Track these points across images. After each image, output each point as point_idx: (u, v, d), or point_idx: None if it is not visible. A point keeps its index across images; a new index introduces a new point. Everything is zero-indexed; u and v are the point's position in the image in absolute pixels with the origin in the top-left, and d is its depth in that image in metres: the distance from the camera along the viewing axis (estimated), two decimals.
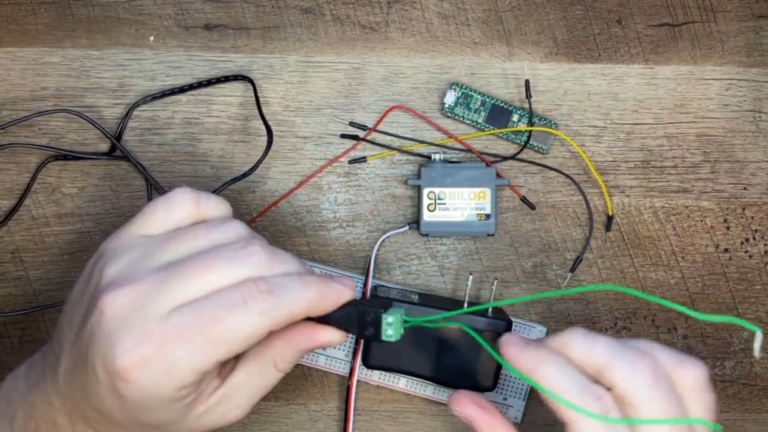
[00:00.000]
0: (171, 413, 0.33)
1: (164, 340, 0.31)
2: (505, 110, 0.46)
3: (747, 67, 0.46)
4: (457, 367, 0.43)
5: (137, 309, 0.31)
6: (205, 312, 0.31)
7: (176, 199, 0.35)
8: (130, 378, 0.31)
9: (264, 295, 0.32)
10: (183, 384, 0.32)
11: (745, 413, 0.47)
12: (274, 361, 0.35)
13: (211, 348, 0.31)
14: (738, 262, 0.47)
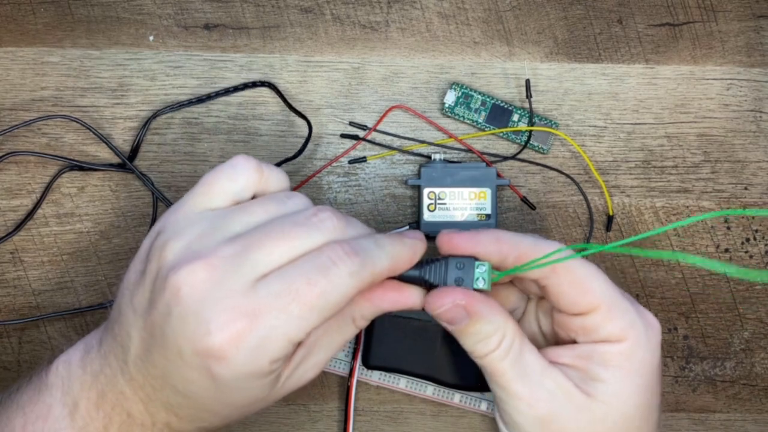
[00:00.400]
0: (262, 389, 0.32)
1: (256, 311, 0.30)
2: (506, 110, 0.45)
3: (748, 66, 0.46)
4: (457, 366, 0.43)
5: (218, 283, 0.30)
6: (297, 278, 0.30)
7: (240, 165, 0.34)
8: (225, 355, 0.30)
9: (351, 257, 0.31)
10: (278, 356, 0.31)
11: (745, 413, 0.47)
12: (353, 318, 0.35)
13: (306, 314, 0.30)
14: (738, 263, 0.47)
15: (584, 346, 0.34)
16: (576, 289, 0.34)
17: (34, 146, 0.45)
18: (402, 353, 0.43)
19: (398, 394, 0.46)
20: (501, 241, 0.34)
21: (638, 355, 0.34)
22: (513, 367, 0.34)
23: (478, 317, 0.34)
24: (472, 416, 0.46)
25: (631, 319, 0.34)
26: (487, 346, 0.34)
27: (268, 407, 0.45)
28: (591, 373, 0.34)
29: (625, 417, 0.34)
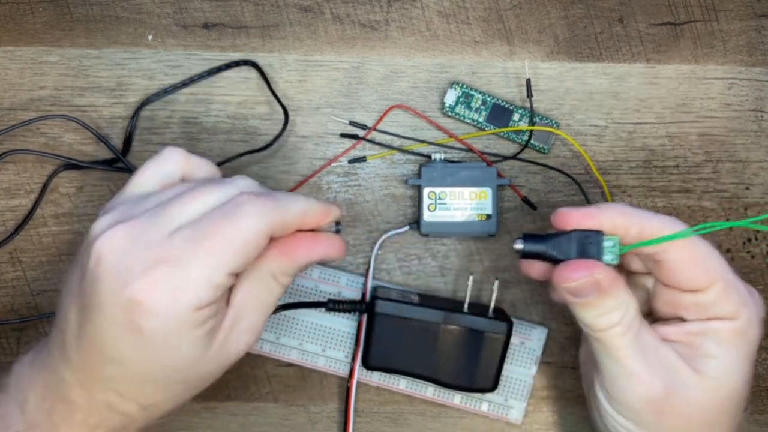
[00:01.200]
0: (192, 344, 0.32)
1: (170, 257, 0.31)
2: (506, 109, 0.45)
3: (749, 66, 0.46)
4: (457, 367, 0.43)
5: (135, 240, 0.32)
6: (207, 222, 0.32)
7: (166, 153, 0.36)
8: (145, 301, 0.31)
9: (259, 198, 0.33)
10: (199, 302, 0.31)
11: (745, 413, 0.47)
12: (273, 275, 0.35)
13: (219, 256, 0.31)
14: (740, 263, 0.46)
15: (695, 324, 0.35)
16: (695, 265, 0.34)
17: (32, 146, 0.45)
18: (402, 354, 0.42)
19: (398, 395, 0.46)
20: (626, 214, 0.35)
21: (750, 332, 0.34)
22: (632, 344, 0.34)
23: (609, 292, 0.34)
24: (473, 417, 0.46)
25: (744, 296, 0.34)
26: (609, 320, 0.34)
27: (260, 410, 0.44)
28: (702, 350, 0.34)
29: (733, 391, 0.34)
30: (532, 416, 0.46)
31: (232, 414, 0.46)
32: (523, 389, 0.45)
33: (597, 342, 0.35)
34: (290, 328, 0.45)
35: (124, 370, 0.33)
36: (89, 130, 0.44)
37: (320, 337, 0.45)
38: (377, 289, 0.44)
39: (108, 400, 0.34)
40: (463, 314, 0.42)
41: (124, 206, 0.34)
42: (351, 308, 0.44)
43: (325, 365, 0.45)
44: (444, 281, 0.46)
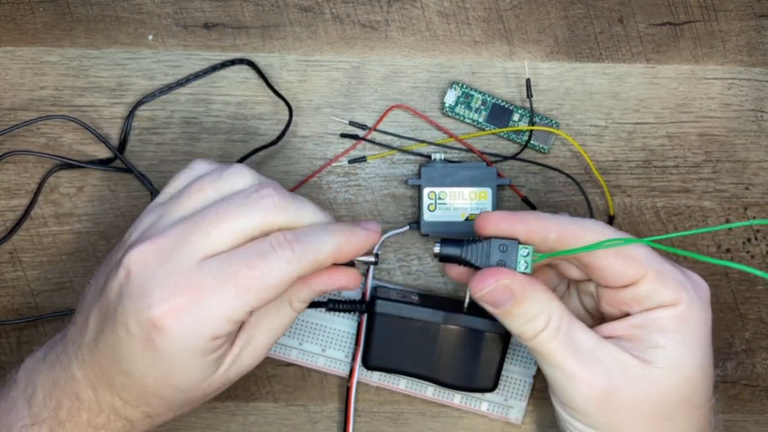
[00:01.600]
0: (202, 369, 0.33)
1: (197, 288, 0.32)
2: (506, 110, 0.45)
3: (749, 66, 0.46)
4: (457, 367, 0.43)
5: (164, 261, 0.32)
6: (235, 260, 0.32)
7: (192, 164, 0.37)
8: (165, 326, 0.31)
9: (292, 244, 0.33)
10: (216, 333, 0.32)
11: (746, 414, 0.47)
12: (290, 301, 0.36)
13: (243, 295, 0.32)
14: (740, 263, 0.46)
15: (637, 316, 0.34)
16: (621, 260, 0.34)
17: (32, 146, 0.45)
18: (402, 354, 0.42)
19: (398, 395, 0.46)
20: (544, 221, 0.34)
21: (693, 316, 0.34)
22: (565, 346, 0.34)
23: (523, 297, 0.34)
24: (473, 417, 0.46)
25: (680, 281, 0.34)
26: (535, 327, 0.34)
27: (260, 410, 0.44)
28: (648, 341, 0.34)
29: (686, 379, 0.34)
30: (532, 416, 0.46)
31: (232, 414, 0.46)
32: (523, 389, 0.45)
33: (533, 351, 0.35)
34: (291, 328, 0.45)
35: (134, 383, 0.33)
36: (89, 130, 0.44)
37: (320, 337, 0.45)
38: (377, 289, 0.44)
39: (114, 404, 0.34)
40: (463, 314, 0.42)
41: (153, 217, 0.35)
42: (351, 308, 0.44)
43: (325, 365, 0.45)
44: (444, 281, 0.46)
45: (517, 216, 0.35)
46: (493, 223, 0.35)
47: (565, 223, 0.34)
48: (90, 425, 0.34)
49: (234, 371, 0.35)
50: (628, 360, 0.33)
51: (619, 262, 0.34)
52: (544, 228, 0.34)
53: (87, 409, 0.34)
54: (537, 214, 0.35)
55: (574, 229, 0.34)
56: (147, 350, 0.32)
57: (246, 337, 0.35)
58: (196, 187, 0.35)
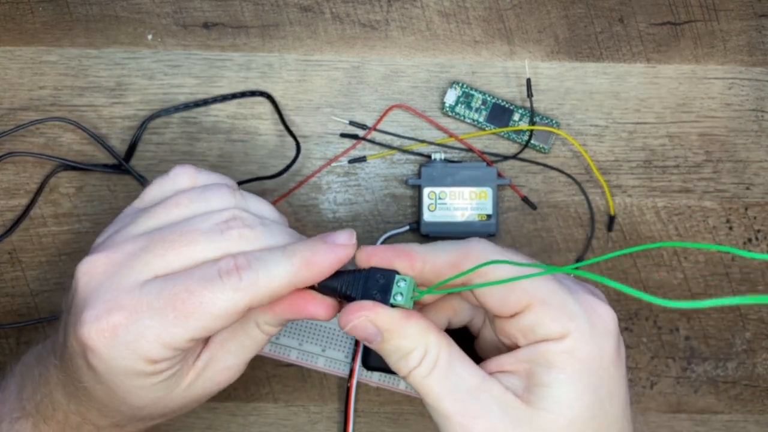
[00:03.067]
0: (149, 390, 0.32)
1: (133, 308, 0.30)
2: (506, 109, 0.45)
3: (749, 66, 0.46)
4: None
5: (111, 275, 0.31)
6: (178, 284, 0.30)
7: (173, 172, 0.35)
8: (95, 347, 0.30)
9: (241, 271, 0.30)
10: (151, 357, 0.30)
11: (747, 414, 0.47)
12: (257, 323, 0.34)
13: (182, 322, 0.30)
14: (740, 263, 0.46)
15: (526, 349, 0.31)
16: (501, 289, 0.31)
17: (32, 146, 0.45)
18: None
19: (398, 396, 0.46)
20: (413, 256, 0.32)
21: (583, 352, 0.30)
22: (440, 384, 0.31)
23: (391, 333, 0.31)
24: None
25: (570, 312, 0.30)
26: (408, 363, 0.31)
27: (260, 410, 0.44)
28: (534, 378, 0.30)
29: (572, 422, 0.30)
30: None
31: (232, 414, 0.46)
32: None
33: (413, 387, 0.32)
34: (290, 328, 0.45)
35: (89, 394, 0.32)
36: (87, 132, 0.44)
37: (320, 337, 0.45)
38: None
39: (80, 409, 0.34)
40: None
41: (122, 223, 0.33)
42: None
43: (325, 365, 0.45)
44: None
45: (392, 250, 0.32)
46: (366, 256, 0.32)
47: (437, 254, 0.32)
48: (67, 424, 0.34)
49: (199, 390, 0.34)
50: (510, 401, 0.30)
51: (499, 290, 0.31)
52: (415, 262, 0.32)
53: (62, 411, 0.34)
54: (410, 248, 0.32)
55: (447, 259, 0.31)
56: (85, 367, 0.31)
57: (209, 355, 0.34)
58: (173, 202, 0.33)
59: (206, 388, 0.34)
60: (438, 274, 0.32)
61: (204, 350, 0.34)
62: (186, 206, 0.33)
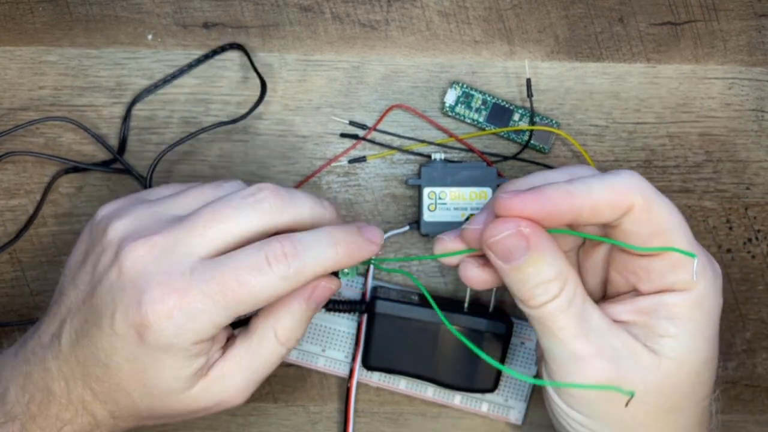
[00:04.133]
0: (180, 374, 0.33)
1: (188, 291, 0.31)
2: (507, 109, 0.45)
3: (749, 66, 0.46)
4: (457, 367, 0.43)
5: (158, 260, 0.32)
6: (228, 271, 0.32)
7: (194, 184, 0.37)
8: (155, 324, 0.31)
9: (289, 259, 0.32)
10: (201, 337, 0.32)
11: (747, 414, 0.47)
12: (273, 329, 0.35)
13: (231, 305, 0.32)
14: (740, 263, 0.46)
15: (647, 299, 0.31)
16: (651, 229, 0.30)
17: (32, 146, 0.45)
18: (402, 354, 0.42)
19: (398, 396, 0.46)
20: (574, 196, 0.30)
21: (707, 304, 0.31)
22: (576, 323, 0.30)
23: (540, 255, 0.30)
24: (473, 418, 0.46)
25: (704, 264, 0.31)
26: (547, 293, 0.30)
27: (260, 410, 0.44)
28: (657, 329, 0.31)
29: (695, 371, 0.31)
30: (532, 416, 0.46)
31: (232, 414, 0.46)
32: (523, 389, 0.45)
33: (538, 323, 0.31)
34: None
35: (110, 375, 0.33)
36: (88, 132, 0.44)
37: (320, 337, 0.45)
38: (377, 289, 0.44)
39: (84, 397, 0.34)
40: (463, 314, 0.42)
41: (139, 212, 0.34)
42: (351, 308, 0.43)
43: (325, 365, 0.45)
44: (444, 281, 0.46)
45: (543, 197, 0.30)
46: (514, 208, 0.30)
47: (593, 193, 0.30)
48: (58, 419, 0.34)
49: (209, 398, 0.35)
50: (638, 348, 0.30)
51: (648, 230, 0.30)
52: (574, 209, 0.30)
53: (57, 403, 0.34)
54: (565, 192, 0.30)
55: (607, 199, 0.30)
56: (130, 345, 0.32)
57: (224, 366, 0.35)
58: (196, 191, 0.35)
59: (213, 399, 0.35)
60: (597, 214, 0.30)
61: (220, 360, 0.35)
62: (209, 193, 0.35)
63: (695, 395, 0.32)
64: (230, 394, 0.35)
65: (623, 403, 0.30)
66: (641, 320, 0.31)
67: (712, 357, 0.32)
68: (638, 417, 0.31)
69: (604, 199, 0.30)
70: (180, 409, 0.35)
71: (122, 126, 0.45)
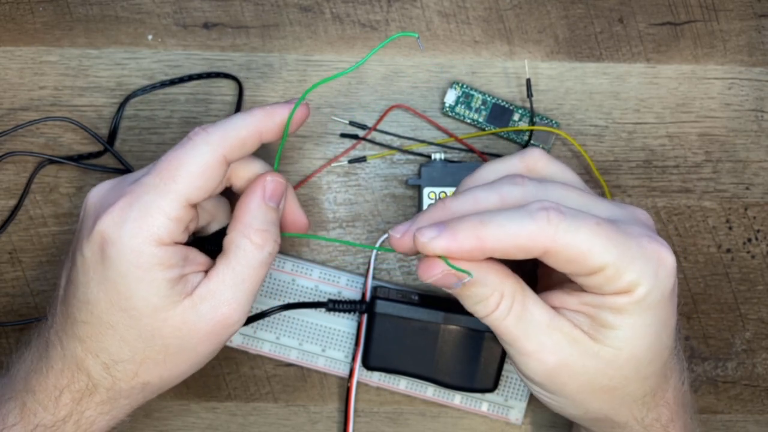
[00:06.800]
0: (156, 289, 0.34)
1: (133, 192, 0.34)
2: (506, 109, 0.45)
3: (749, 66, 0.46)
4: (457, 367, 0.43)
5: (116, 186, 0.36)
6: (160, 160, 0.35)
7: None
8: (112, 234, 0.33)
9: (208, 129, 0.35)
10: (159, 234, 0.33)
11: (747, 414, 0.47)
12: (246, 236, 0.36)
13: (171, 185, 0.34)
14: (740, 263, 0.46)
15: (593, 296, 0.33)
16: (574, 264, 0.32)
17: (32, 146, 0.45)
18: (402, 354, 0.42)
19: (398, 396, 0.46)
20: (483, 240, 0.31)
21: (649, 299, 0.32)
22: (516, 326, 0.34)
23: (471, 282, 0.33)
24: (473, 417, 0.46)
25: (641, 269, 0.32)
26: (486, 307, 0.34)
27: (260, 410, 0.44)
28: (600, 321, 0.33)
29: (636, 358, 0.34)
30: (532, 416, 0.46)
31: (232, 414, 0.46)
32: (523, 389, 0.45)
33: (490, 327, 0.35)
34: (290, 328, 0.45)
35: (90, 311, 0.34)
36: (87, 131, 0.44)
37: (320, 337, 0.45)
38: (377, 289, 0.44)
39: (75, 352, 0.35)
40: (463, 314, 0.42)
41: None
42: (351, 308, 0.44)
43: (325, 365, 0.45)
44: None
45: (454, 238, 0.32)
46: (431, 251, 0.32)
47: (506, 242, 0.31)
48: (56, 387, 0.35)
49: (198, 318, 0.35)
50: (579, 336, 0.33)
51: (572, 266, 0.32)
52: (486, 251, 0.32)
53: (52, 371, 0.35)
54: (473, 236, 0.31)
55: (518, 245, 0.31)
56: (98, 267, 0.34)
57: (208, 286, 0.35)
58: None
59: (204, 319, 0.35)
60: (508, 255, 0.32)
61: (203, 280, 0.35)
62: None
63: (638, 374, 0.34)
64: (223, 311, 0.35)
65: (570, 382, 0.34)
66: (587, 311, 0.34)
67: (658, 343, 0.34)
68: (582, 394, 0.35)
69: (512, 247, 0.31)
70: (172, 333, 0.34)
71: (113, 119, 0.44)
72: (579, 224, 0.31)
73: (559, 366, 0.34)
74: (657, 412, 0.36)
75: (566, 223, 0.31)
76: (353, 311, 0.44)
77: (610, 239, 0.32)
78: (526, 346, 0.34)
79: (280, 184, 0.38)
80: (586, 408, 0.36)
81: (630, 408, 0.36)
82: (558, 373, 0.34)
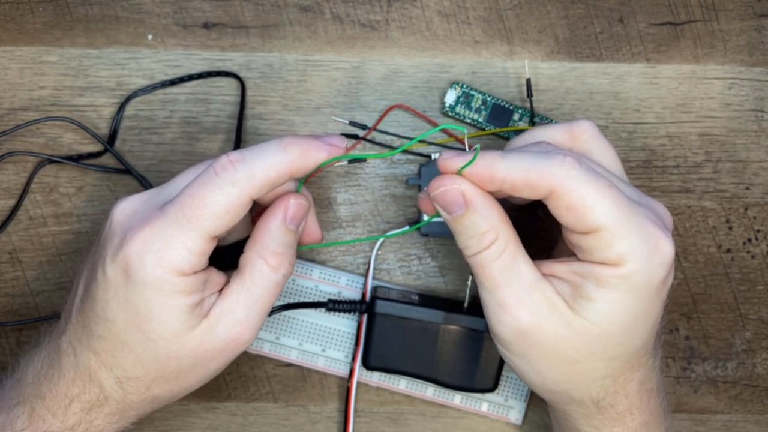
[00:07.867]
0: (176, 315, 0.33)
1: (158, 221, 0.33)
2: (506, 109, 0.45)
3: (749, 66, 0.46)
4: (457, 367, 0.43)
5: (138, 210, 0.35)
6: (183, 193, 0.34)
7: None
8: (135, 259, 0.33)
9: (235, 164, 0.33)
10: (181, 265, 0.33)
11: (747, 414, 0.47)
12: (262, 257, 0.35)
13: (195, 223, 0.33)
14: (740, 263, 0.46)
15: (583, 265, 0.33)
16: (573, 214, 0.32)
17: (32, 146, 0.45)
18: (402, 354, 0.42)
19: (398, 396, 0.46)
20: (496, 169, 0.33)
21: (635, 279, 0.33)
22: (502, 273, 0.34)
23: (475, 209, 0.33)
24: (473, 417, 0.46)
25: (634, 245, 0.32)
26: (479, 244, 0.33)
27: (260, 410, 0.44)
28: (582, 291, 0.33)
29: (606, 335, 0.34)
30: (532, 416, 0.46)
31: (232, 414, 0.46)
32: (523, 389, 0.45)
33: (474, 269, 0.35)
34: (290, 328, 0.45)
35: (108, 328, 0.34)
36: (87, 131, 0.44)
37: (320, 337, 0.45)
38: (377, 289, 0.44)
39: (89, 364, 0.35)
40: (463, 314, 0.42)
41: None
42: (351, 308, 0.44)
43: (325, 365, 0.45)
44: (444, 281, 0.46)
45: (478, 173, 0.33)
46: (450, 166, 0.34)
47: (516, 175, 0.33)
48: (66, 396, 0.35)
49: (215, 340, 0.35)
50: (558, 303, 0.33)
51: (571, 214, 0.32)
52: (496, 180, 0.33)
53: (64, 379, 0.35)
54: (490, 164, 0.33)
55: (526, 179, 0.32)
56: (120, 288, 0.33)
57: (222, 305, 0.35)
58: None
59: (219, 339, 0.35)
60: (516, 191, 0.33)
61: (218, 300, 0.35)
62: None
63: (604, 353, 0.34)
64: (236, 331, 0.35)
65: (535, 347, 0.34)
66: (572, 279, 0.34)
67: (632, 327, 0.34)
68: (544, 361, 0.35)
69: (521, 180, 0.32)
70: (188, 355, 0.34)
71: (114, 119, 0.44)
72: (590, 178, 0.32)
73: (531, 326, 0.34)
74: (614, 399, 0.36)
75: (578, 172, 0.32)
76: (353, 311, 0.44)
77: (615, 204, 0.32)
78: (506, 297, 0.34)
79: (302, 206, 0.37)
80: (545, 377, 0.35)
81: (588, 387, 0.35)
82: (528, 334, 0.34)
